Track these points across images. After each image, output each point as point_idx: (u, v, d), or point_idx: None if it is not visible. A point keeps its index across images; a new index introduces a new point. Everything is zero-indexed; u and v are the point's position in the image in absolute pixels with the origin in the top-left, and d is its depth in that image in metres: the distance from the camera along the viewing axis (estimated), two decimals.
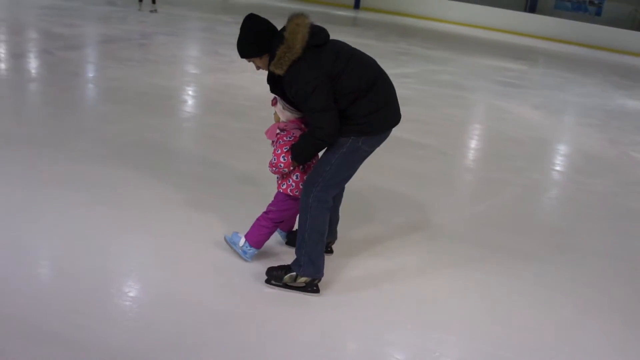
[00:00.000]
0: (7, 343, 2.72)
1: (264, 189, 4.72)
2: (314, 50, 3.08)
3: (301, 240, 3.28)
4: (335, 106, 3.09)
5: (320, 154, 3.35)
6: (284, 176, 3.42)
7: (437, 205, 4.97)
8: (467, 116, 8.77)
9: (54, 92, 7.17)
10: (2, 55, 8.86)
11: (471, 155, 6.87)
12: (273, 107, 3.43)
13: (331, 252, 3.81)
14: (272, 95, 3.43)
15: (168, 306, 3.14)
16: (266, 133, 3.44)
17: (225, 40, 12.17)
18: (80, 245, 3.63)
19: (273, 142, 3.40)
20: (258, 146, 5.79)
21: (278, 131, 3.37)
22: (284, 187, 3.42)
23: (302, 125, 3.34)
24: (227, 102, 7.44)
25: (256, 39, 3.13)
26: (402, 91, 9.17)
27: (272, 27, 3.17)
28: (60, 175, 4.60)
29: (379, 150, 3.41)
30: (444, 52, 14.70)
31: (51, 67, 8.44)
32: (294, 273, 3.30)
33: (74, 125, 6.03)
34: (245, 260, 3.56)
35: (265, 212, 3.51)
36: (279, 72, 3.09)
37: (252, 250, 3.54)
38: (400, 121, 3.33)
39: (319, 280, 3.34)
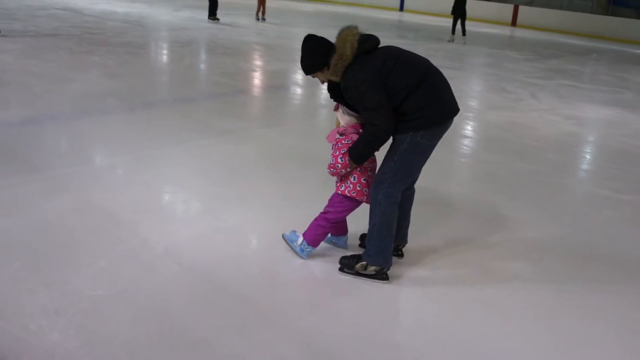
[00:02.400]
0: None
1: (558, 230, 4.32)
2: (364, 56, 3.34)
3: (371, 233, 3.53)
4: (388, 104, 3.27)
5: (378, 155, 3.55)
6: (342, 178, 3.60)
7: None
8: None
9: None
10: (301, 82, 9.65)
11: None
12: (335, 113, 3.61)
13: (401, 255, 3.88)
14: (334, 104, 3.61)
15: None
16: (327, 137, 3.62)
17: (512, 77, 11.76)
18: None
19: (333, 145, 3.57)
20: (549, 192, 5.37)
21: (338, 135, 3.55)
22: (342, 188, 3.59)
23: (360, 130, 3.49)
24: (512, 141, 7.04)
25: (316, 55, 3.41)
26: None
27: (329, 44, 3.40)
28: None
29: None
30: None
31: None
32: (365, 262, 3.57)
33: None
34: (302, 257, 3.72)
35: (322, 213, 3.67)
36: (335, 79, 3.38)
37: (309, 249, 3.72)
38: None
39: (388, 269, 3.59)
